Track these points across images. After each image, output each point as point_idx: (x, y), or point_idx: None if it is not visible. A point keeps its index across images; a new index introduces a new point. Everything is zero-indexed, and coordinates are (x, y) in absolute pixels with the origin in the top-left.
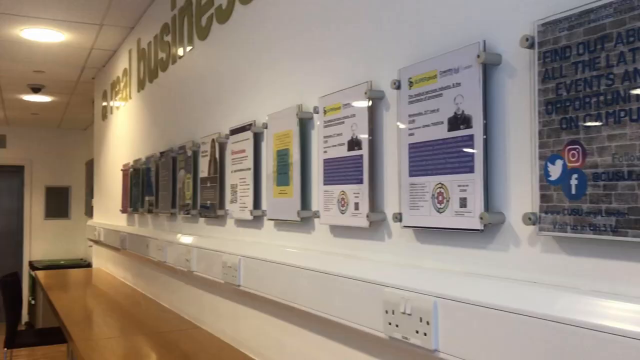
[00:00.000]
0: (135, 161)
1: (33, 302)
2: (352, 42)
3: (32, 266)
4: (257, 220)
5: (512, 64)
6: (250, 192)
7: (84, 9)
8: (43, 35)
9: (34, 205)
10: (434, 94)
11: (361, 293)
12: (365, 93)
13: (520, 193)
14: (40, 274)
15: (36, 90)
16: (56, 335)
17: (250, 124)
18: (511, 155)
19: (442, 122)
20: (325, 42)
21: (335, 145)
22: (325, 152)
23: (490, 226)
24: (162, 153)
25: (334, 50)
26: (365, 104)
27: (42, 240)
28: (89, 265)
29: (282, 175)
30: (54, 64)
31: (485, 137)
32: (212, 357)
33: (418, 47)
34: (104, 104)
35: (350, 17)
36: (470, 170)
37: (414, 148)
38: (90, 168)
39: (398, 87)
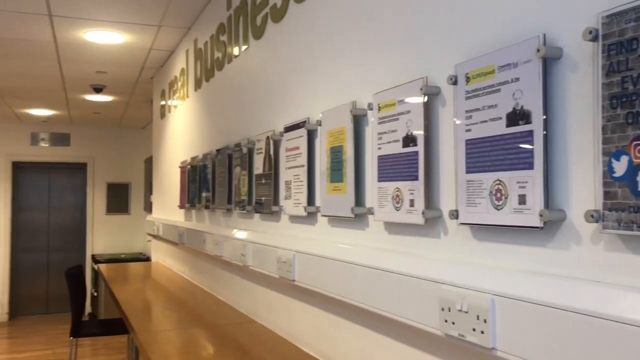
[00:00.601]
0: (193, 158)
1: (95, 294)
2: (407, 38)
3: (95, 259)
4: (310, 216)
5: (573, 57)
6: (304, 189)
7: (143, 11)
8: (105, 37)
9: (96, 201)
10: (492, 90)
11: (416, 290)
12: (421, 89)
13: (582, 190)
14: (102, 267)
15: (98, 90)
16: (118, 326)
17: (304, 121)
18: (573, 151)
19: (500, 118)
20: (379, 38)
21: (389, 142)
22: (379, 148)
23: (550, 224)
24: (218, 150)
25: (389, 46)
26: (420, 100)
27: (103, 235)
28: (147, 259)
29: (335, 172)
30: (115, 65)
31: (545, 132)
32: (267, 350)
33: (475, 42)
34: (162, 103)
35: (405, 13)
36: (530, 166)
37: (471, 144)
38: (148, 165)
39: (455, 83)
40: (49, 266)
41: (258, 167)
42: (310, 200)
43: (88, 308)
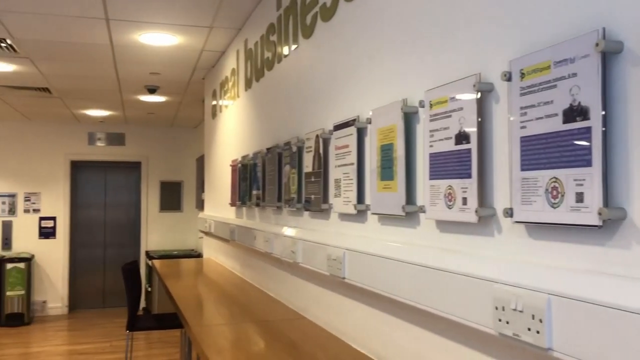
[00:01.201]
0: (243, 157)
1: (149, 289)
2: (459, 34)
3: (148, 255)
4: (360, 214)
5: (635, 51)
6: (354, 187)
7: (195, 13)
8: (159, 39)
9: (150, 199)
10: (548, 85)
11: (469, 289)
12: (474, 86)
13: None
14: (156, 263)
15: (152, 91)
16: (171, 320)
17: (354, 120)
18: (634, 149)
19: (556, 115)
20: (431, 34)
21: (441, 140)
22: (431, 146)
23: (610, 222)
24: (268, 149)
25: (440, 43)
26: (473, 96)
27: (157, 232)
28: (199, 255)
29: (386, 170)
30: (168, 66)
31: (604, 129)
32: (317, 346)
33: (529, 37)
34: (214, 103)
35: (456, 8)
36: (588, 163)
37: (526, 141)
38: (200, 164)
39: (509, 79)
40: (105, 261)
41: (307, 165)
42: (360, 198)
43: (142, 303)
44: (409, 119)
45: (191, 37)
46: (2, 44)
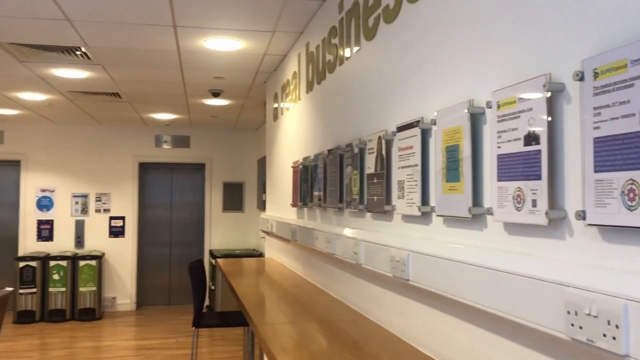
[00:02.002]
0: (305, 158)
1: (213, 287)
2: (527, 34)
3: (212, 254)
4: (425, 216)
5: None
6: (418, 189)
7: (259, 18)
8: (223, 44)
9: (213, 199)
10: (624, 85)
11: (540, 292)
12: (544, 86)
13: None
14: (220, 262)
15: (216, 94)
16: (235, 318)
17: (418, 121)
18: None
19: (633, 115)
20: (497, 34)
21: (510, 141)
22: (499, 147)
23: None
24: (329, 150)
25: (507, 43)
26: (543, 97)
27: (220, 231)
28: (260, 254)
29: (451, 172)
30: (231, 70)
31: None
32: (381, 347)
33: (603, 36)
34: (275, 105)
35: (524, 7)
36: None
37: (600, 142)
38: (261, 165)
39: (581, 79)
40: (170, 260)
41: (370, 166)
42: (425, 200)
43: (206, 300)
44: (476, 119)
45: (254, 41)
46: (77, 52)
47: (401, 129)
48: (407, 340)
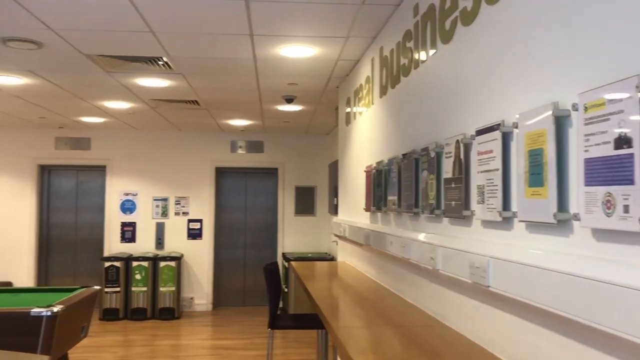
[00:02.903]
0: (378, 163)
1: (286, 289)
2: (616, 32)
3: (285, 257)
4: (506, 221)
5: None
6: (499, 193)
7: (333, 24)
8: (297, 51)
9: (285, 203)
10: None
11: (634, 302)
12: (637, 87)
13: None
14: (294, 265)
15: (289, 100)
16: (309, 320)
17: (499, 124)
18: None
19: None
20: (582, 35)
21: (598, 144)
22: (586, 151)
23: None
24: (404, 155)
25: (594, 44)
26: (636, 98)
27: (292, 234)
28: (332, 258)
29: (534, 176)
30: (304, 76)
31: None
32: (460, 354)
33: None
34: (347, 110)
35: (611, 6)
36: None
37: None
38: (333, 169)
39: None
40: (245, 262)
41: (447, 171)
42: (506, 205)
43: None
44: (560, 122)
45: (328, 47)
46: (160, 62)
47: (480, 132)
48: (488, 349)
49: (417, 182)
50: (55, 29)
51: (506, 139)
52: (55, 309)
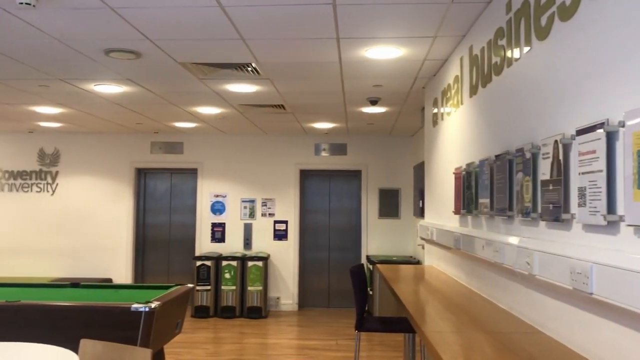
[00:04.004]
0: (468, 164)
1: (371, 292)
2: None
3: (369, 260)
4: (611, 225)
5: None
6: (603, 196)
7: (420, 25)
8: (383, 52)
9: (369, 205)
10: None
11: None
12: None
13: None
14: (380, 267)
15: (374, 102)
16: (396, 324)
17: (602, 123)
18: None
19: None
20: None
21: None
22: None
23: None
24: (497, 156)
25: None
26: None
27: (376, 237)
28: (418, 262)
29: None
30: (390, 78)
31: None
32: None
33: None
34: (434, 111)
35: None
36: None
37: None
38: (418, 171)
39: None
40: (329, 263)
41: (544, 172)
42: (611, 208)
43: None
44: None
45: (414, 48)
46: (248, 68)
47: (582, 132)
48: (590, 358)
49: (510, 184)
50: (153, 39)
51: (611, 138)
52: (152, 305)
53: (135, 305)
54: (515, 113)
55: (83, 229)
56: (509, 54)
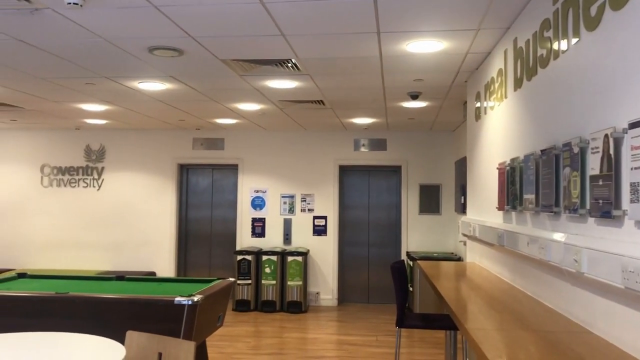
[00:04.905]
0: (512, 159)
1: (411, 288)
2: None
3: (409, 256)
4: None
5: None
6: None
7: (463, 17)
8: (424, 46)
9: (409, 201)
10: None
11: None
12: None
13: None
14: (422, 264)
15: (414, 97)
16: (438, 320)
17: None
18: None
19: None
20: None
21: None
22: None
23: None
24: (542, 151)
25: None
26: None
27: (416, 233)
28: (459, 259)
29: None
30: (431, 72)
31: None
32: None
33: None
34: (477, 105)
35: None
36: None
37: None
38: (459, 167)
39: None
40: (369, 259)
41: (594, 167)
42: None
43: None
44: None
45: (456, 41)
46: (288, 64)
47: (635, 125)
48: None
49: (557, 180)
50: (195, 36)
51: None
52: (195, 299)
53: (178, 299)
54: (562, 106)
55: (128, 224)
56: (555, 45)
